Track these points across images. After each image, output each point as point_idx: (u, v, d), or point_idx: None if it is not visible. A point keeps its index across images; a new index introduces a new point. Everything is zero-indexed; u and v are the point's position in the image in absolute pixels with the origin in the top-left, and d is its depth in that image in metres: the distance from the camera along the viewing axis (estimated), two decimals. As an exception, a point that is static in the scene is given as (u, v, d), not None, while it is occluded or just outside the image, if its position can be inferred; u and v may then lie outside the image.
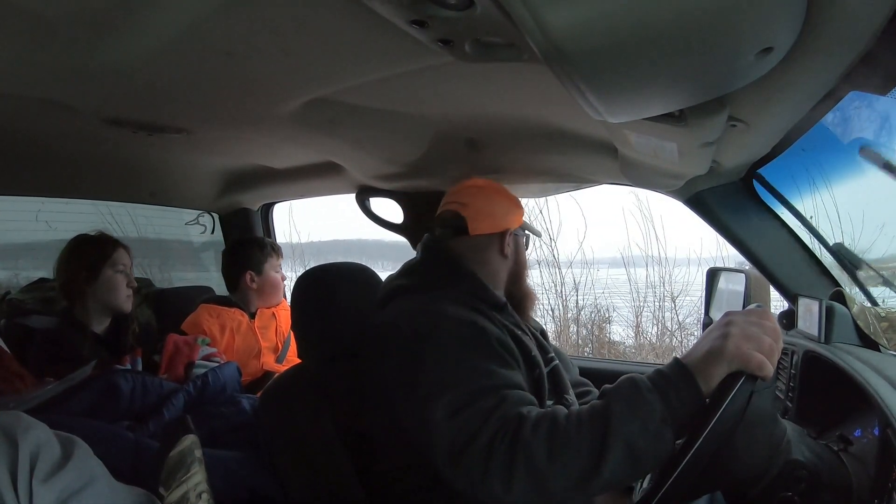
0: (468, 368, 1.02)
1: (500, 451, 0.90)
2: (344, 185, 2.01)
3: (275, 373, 2.02)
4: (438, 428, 0.97)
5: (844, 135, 1.33)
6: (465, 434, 0.94)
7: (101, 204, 2.39)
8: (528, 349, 1.18)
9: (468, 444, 0.93)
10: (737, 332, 0.85)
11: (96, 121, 1.33)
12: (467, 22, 0.75)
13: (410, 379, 1.05)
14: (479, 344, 1.08)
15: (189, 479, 0.89)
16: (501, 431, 0.92)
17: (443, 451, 0.96)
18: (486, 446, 0.91)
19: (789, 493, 0.91)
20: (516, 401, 0.98)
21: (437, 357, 1.05)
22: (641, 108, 0.84)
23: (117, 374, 1.52)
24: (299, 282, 1.40)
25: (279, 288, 2.19)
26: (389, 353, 1.12)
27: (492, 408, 0.96)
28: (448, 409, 0.97)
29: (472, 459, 0.92)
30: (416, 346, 1.08)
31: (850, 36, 0.67)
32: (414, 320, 1.13)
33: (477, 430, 0.93)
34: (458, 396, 0.98)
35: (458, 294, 1.20)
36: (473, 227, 1.32)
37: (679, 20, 0.55)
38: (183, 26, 0.86)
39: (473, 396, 0.97)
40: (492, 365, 1.04)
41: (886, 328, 1.24)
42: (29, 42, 0.90)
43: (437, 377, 1.02)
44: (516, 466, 0.88)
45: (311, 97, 1.20)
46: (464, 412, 0.96)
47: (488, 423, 0.94)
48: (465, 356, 1.05)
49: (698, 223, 1.55)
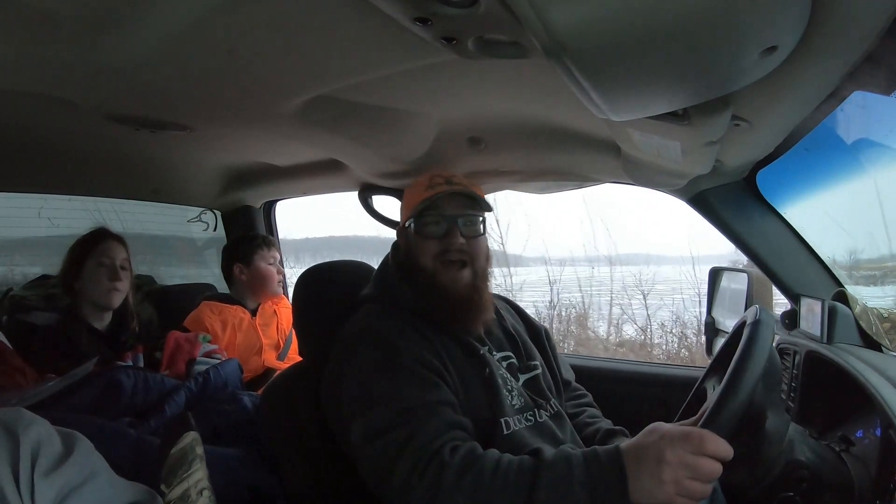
0: (381, 392, 1.04)
1: (418, 490, 0.91)
2: (346, 182, 2.01)
3: (276, 369, 2.03)
4: (357, 451, 1.02)
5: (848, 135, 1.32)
6: (381, 463, 0.97)
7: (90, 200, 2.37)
8: (466, 354, 1.17)
9: (386, 477, 0.95)
10: (668, 478, 0.83)
11: (99, 118, 1.34)
12: (471, 19, 0.75)
13: (335, 396, 1.10)
14: (393, 366, 1.07)
15: (190, 476, 0.90)
16: (419, 467, 0.93)
17: (367, 475, 1.01)
18: (404, 483, 0.93)
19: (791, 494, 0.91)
20: (433, 429, 0.98)
21: (354, 380, 1.08)
22: (645, 106, 0.84)
23: (119, 370, 1.52)
24: (301, 279, 1.40)
25: (270, 279, 2.17)
26: (329, 366, 1.18)
27: (404, 440, 0.96)
28: (363, 433, 1.01)
29: (392, 493, 0.95)
30: (339, 366, 1.12)
31: (854, 35, 0.67)
32: (344, 339, 1.17)
33: (392, 465, 0.95)
34: (372, 422, 1.00)
35: (395, 305, 1.21)
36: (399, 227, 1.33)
37: (683, 18, 0.55)
38: (186, 23, 0.86)
39: (386, 425, 0.99)
40: (407, 388, 1.04)
41: (889, 329, 1.24)
42: (32, 39, 0.90)
43: (353, 399, 1.06)
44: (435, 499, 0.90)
45: (314, 94, 1.20)
46: (377, 440, 0.98)
47: (402, 457, 0.95)
48: (377, 379, 1.06)
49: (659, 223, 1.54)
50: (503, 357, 1.24)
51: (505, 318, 1.34)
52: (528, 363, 1.27)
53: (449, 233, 1.21)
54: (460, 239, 1.21)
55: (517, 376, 1.23)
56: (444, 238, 1.21)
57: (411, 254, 1.24)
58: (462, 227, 1.22)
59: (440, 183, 1.25)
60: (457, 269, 1.21)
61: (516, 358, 1.26)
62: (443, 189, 1.23)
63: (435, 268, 1.21)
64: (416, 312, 1.19)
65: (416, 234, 1.23)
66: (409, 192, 1.29)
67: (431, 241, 1.21)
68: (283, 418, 1.25)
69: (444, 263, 1.21)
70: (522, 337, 1.33)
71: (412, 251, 1.24)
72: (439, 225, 1.22)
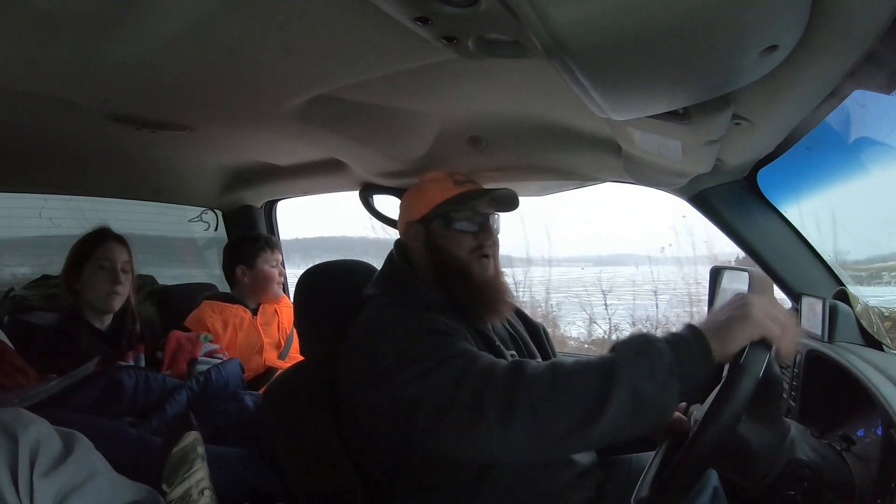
0: (428, 344, 1.03)
1: (496, 393, 0.89)
2: (347, 182, 2.01)
3: (277, 369, 2.04)
4: (413, 391, 0.97)
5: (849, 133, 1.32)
6: (448, 386, 0.94)
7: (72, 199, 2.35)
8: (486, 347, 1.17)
9: (455, 393, 0.93)
10: (758, 305, 0.86)
11: (100, 118, 1.33)
12: (471, 19, 0.75)
13: (372, 372, 1.06)
14: (430, 329, 1.07)
15: (191, 476, 0.90)
16: (491, 376, 0.92)
17: (426, 410, 0.95)
18: (477, 391, 0.91)
19: (792, 493, 0.91)
20: (488, 357, 0.99)
21: (392, 344, 1.05)
22: (646, 105, 0.84)
23: (120, 370, 1.52)
24: (302, 279, 1.41)
25: (272, 281, 2.17)
26: (349, 356, 1.14)
27: (465, 363, 0.96)
28: (419, 373, 0.98)
29: (462, 406, 0.91)
30: (369, 343, 1.09)
31: (854, 34, 0.67)
32: (366, 323, 1.15)
33: (459, 380, 0.93)
34: (426, 363, 0.98)
35: (410, 300, 1.20)
36: (401, 224, 1.33)
37: (684, 17, 0.55)
38: (186, 23, 0.86)
39: (443, 360, 0.98)
40: (451, 338, 1.05)
41: (890, 328, 1.23)
42: (33, 39, 0.90)
43: (398, 358, 1.02)
44: (516, 406, 0.88)
45: (314, 94, 1.20)
46: (437, 371, 0.96)
47: (468, 373, 0.94)
48: (418, 336, 1.05)
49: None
50: (510, 354, 1.25)
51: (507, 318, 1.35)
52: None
53: (483, 229, 1.25)
54: (493, 235, 1.27)
55: None
56: (479, 234, 1.25)
57: (439, 247, 1.25)
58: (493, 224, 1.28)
59: (464, 181, 1.29)
60: (486, 260, 1.26)
61: (519, 356, 1.27)
62: (472, 187, 1.27)
63: (469, 259, 1.24)
64: (430, 308, 1.18)
65: (446, 228, 1.25)
66: (429, 187, 1.30)
67: (467, 235, 1.25)
68: (285, 418, 1.25)
69: (477, 257, 1.24)
70: (523, 336, 1.34)
71: (441, 244, 1.25)
72: (474, 221, 1.25)
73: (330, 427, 1.21)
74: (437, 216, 1.26)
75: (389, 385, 1.01)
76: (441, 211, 1.25)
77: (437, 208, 1.26)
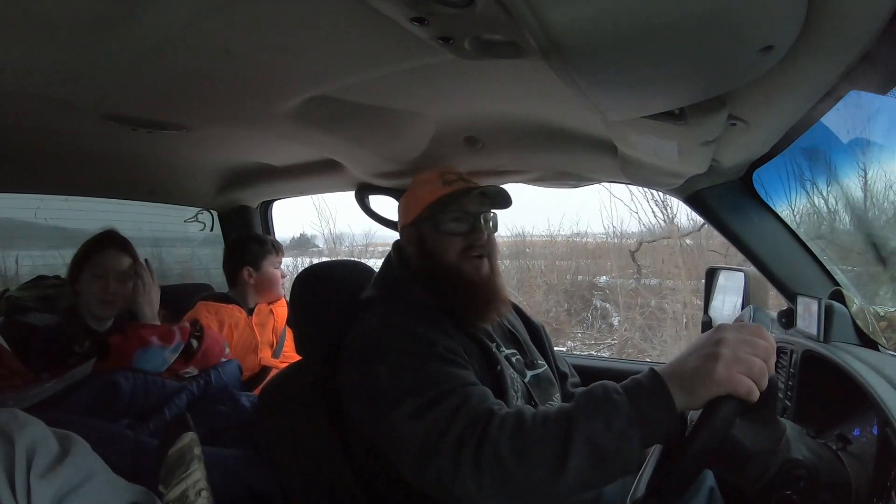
0: (424, 375, 1.01)
1: (469, 446, 0.89)
2: (343, 182, 2.01)
3: (272, 367, 2.05)
4: (403, 431, 0.97)
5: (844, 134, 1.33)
6: (433, 433, 0.93)
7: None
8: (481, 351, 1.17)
9: (438, 441, 0.92)
10: (727, 353, 0.80)
11: (95, 118, 1.33)
12: (468, 19, 0.75)
13: (370, 395, 1.05)
14: (430, 354, 1.06)
15: (188, 477, 0.89)
16: (471, 426, 0.91)
17: (411, 454, 0.95)
18: (457, 441, 0.90)
19: (788, 492, 0.91)
20: (481, 397, 0.98)
21: (392, 372, 1.04)
22: (642, 105, 0.84)
23: (117, 372, 1.51)
24: (298, 279, 1.40)
25: (277, 284, 2.20)
26: (348, 371, 1.13)
27: (457, 406, 0.95)
28: (411, 412, 0.97)
29: (444, 456, 0.91)
30: (368, 365, 1.08)
31: (850, 35, 0.67)
32: (366, 339, 1.13)
33: (445, 428, 0.92)
34: (420, 401, 0.97)
35: (407, 304, 1.19)
36: (399, 227, 1.31)
37: (679, 18, 0.55)
38: (182, 23, 0.86)
39: (436, 399, 0.97)
40: (447, 367, 1.03)
41: (885, 327, 1.24)
42: (29, 40, 0.90)
43: (394, 388, 1.02)
44: (485, 461, 0.87)
45: (310, 94, 1.20)
46: (428, 413, 0.95)
47: (456, 419, 0.93)
48: (418, 366, 1.04)
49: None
50: (510, 353, 1.25)
51: (506, 317, 1.34)
52: (534, 360, 1.28)
53: (474, 229, 1.22)
54: (485, 235, 1.22)
55: (524, 373, 1.23)
56: (469, 234, 1.22)
57: (430, 250, 1.23)
58: (484, 224, 1.23)
59: (454, 179, 1.24)
60: (479, 261, 1.22)
61: (521, 354, 1.27)
62: (461, 185, 1.23)
63: (459, 262, 1.21)
64: (430, 309, 1.17)
65: (435, 231, 1.22)
66: (419, 189, 1.27)
67: (455, 237, 1.21)
68: (281, 418, 1.25)
69: (468, 259, 1.21)
70: (523, 335, 1.34)
71: (431, 247, 1.22)
72: (463, 221, 1.22)
73: (326, 428, 1.21)
74: (427, 219, 1.23)
75: (382, 417, 1.01)
76: (430, 213, 1.23)
77: (425, 211, 1.23)
